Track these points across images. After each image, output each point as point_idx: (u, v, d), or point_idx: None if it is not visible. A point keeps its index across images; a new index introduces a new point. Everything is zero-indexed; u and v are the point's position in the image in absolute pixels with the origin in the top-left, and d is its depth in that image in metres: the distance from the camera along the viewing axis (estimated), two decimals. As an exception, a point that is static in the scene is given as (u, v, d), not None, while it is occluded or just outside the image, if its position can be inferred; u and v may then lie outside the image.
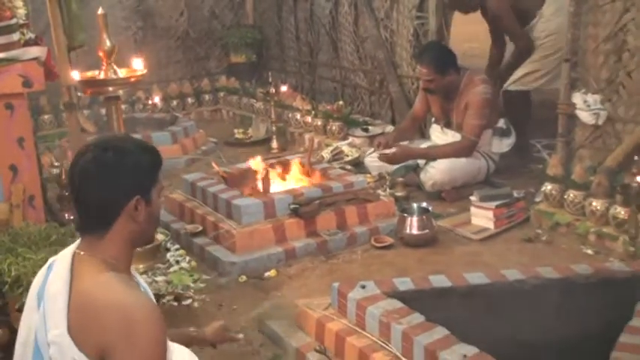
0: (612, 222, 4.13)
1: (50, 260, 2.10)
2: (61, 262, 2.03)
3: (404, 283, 3.17)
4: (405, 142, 5.44)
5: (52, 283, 1.98)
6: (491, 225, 4.49)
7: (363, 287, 3.14)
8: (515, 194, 4.69)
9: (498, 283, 3.16)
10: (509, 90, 5.62)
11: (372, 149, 5.49)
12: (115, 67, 3.96)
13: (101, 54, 3.91)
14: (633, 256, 3.79)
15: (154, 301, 2.14)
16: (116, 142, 2.06)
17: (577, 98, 4.50)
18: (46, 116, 6.84)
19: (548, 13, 5.45)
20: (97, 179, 1.98)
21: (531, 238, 4.36)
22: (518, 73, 5.57)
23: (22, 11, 3.37)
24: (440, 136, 5.33)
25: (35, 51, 3.29)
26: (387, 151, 5.15)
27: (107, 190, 1.98)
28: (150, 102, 7.40)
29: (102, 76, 3.93)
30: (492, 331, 2.90)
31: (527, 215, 4.63)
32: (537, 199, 4.72)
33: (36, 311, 2.00)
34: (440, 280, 3.18)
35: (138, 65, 4.06)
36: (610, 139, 4.42)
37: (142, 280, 2.25)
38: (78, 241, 2.07)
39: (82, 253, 2.01)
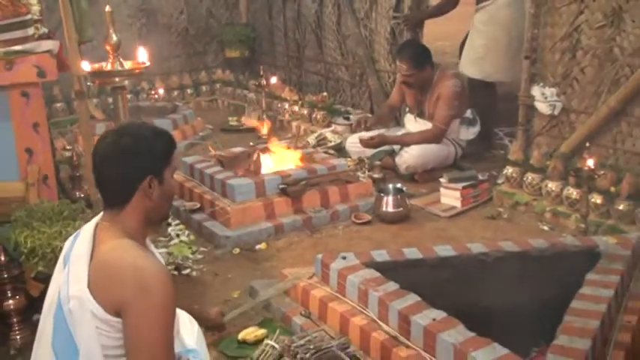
0: (566, 202, 4.16)
1: (78, 231, 2.15)
2: (86, 230, 2.09)
3: (380, 255, 3.17)
4: (383, 130, 5.43)
5: (77, 247, 2.04)
6: (458, 204, 4.51)
7: (344, 258, 3.14)
8: (480, 176, 4.71)
9: (464, 256, 3.17)
10: (474, 79, 5.58)
11: (353, 134, 5.49)
12: (120, 59, 3.93)
13: (108, 48, 3.88)
14: (584, 232, 3.81)
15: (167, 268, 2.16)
16: (133, 128, 2.12)
17: (536, 91, 4.51)
18: (58, 104, 6.77)
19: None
20: (115, 160, 2.03)
21: (494, 216, 4.38)
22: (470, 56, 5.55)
23: (36, 8, 3.33)
24: (413, 124, 5.33)
25: (48, 44, 3.25)
26: (366, 135, 5.15)
27: (123, 169, 2.04)
28: (153, 92, 7.34)
29: (109, 67, 3.90)
30: (459, 298, 2.92)
31: (490, 195, 4.65)
32: (499, 181, 4.74)
33: (62, 272, 2.04)
34: (412, 253, 3.19)
35: (142, 55, 4.03)
36: (565, 128, 4.43)
37: (156, 251, 2.27)
38: (101, 214, 2.12)
39: (104, 223, 2.07)
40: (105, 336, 1.90)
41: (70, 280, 1.96)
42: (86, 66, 3.89)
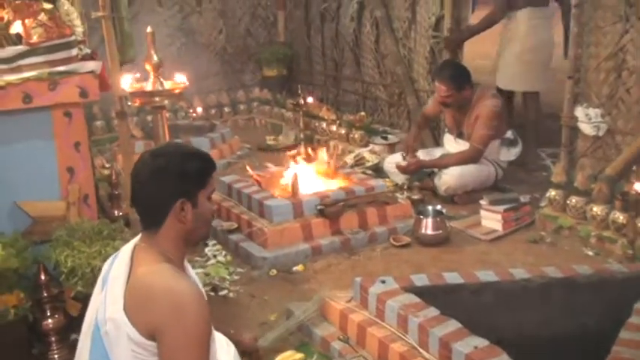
0: (612, 226, 4.07)
1: (117, 252, 2.17)
2: (124, 252, 2.10)
3: (420, 279, 3.14)
4: (422, 151, 5.39)
5: (115, 269, 2.05)
6: (499, 227, 4.45)
7: (383, 282, 3.12)
8: (521, 199, 4.66)
9: (506, 281, 3.13)
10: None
11: (391, 155, 5.49)
12: (161, 79, 3.99)
13: (149, 67, 3.94)
14: (631, 258, 3.73)
15: (203, 291, 2.16)
16: (167, 150, 2.12)
17: (579, 112, 4.45)
18: (98, 122, 6.86)
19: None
20: (147, 182, 2.03)
21: (536, 240, 4.31)
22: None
23: (79, 29, 3.39)
24: (453, 145, 5.29)
25: (91, 65, 3.31)
26: (403, 163, 5.12)
27: (154, 191, 2.03)
28: (191, 110, 7.42)
29: (149, 87, 3.96)
30: (501, 325, 2.88)
31: (532, 219, 4.58)
32: (542, 204, 4.66)
33: (100, 293, 2.06)
34: (453, 277, 3.15)
35: (181, 79, 4.09)
36: (610, 149, 4.36)
37: (193, 272, 2.28)
38: (140, 235, 2.12)
39: (142, 244, 2.07)
40: (140, 359, 1.91)
41: (107, 302, 1.98)
42: (127, 86, 3.96)
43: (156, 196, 2.03)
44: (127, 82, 3.96)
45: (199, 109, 7.51)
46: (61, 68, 3.22)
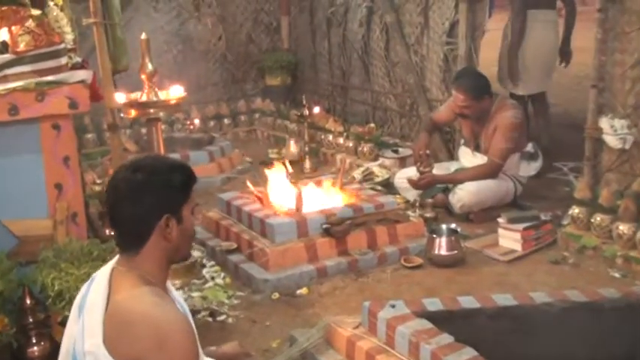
0: (639, 246, 4.05)
1: (93, 275, 2.12)
2: (101, 276, 2.05)
3: (433, 304, 3.12)
4: (435, 167, 5.38)
5: (92, 295, 2.00)
6: (518, 247, 4.44)
7: (393, 307, 3.10)
8: (542, 217, 4.64)
9: (526, 305, 3.11)
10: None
11: (402, 170, 5.49)
12: (156, 89, 4.00)
13: (143, 77, 3.96)
14: (660, 280, 3.71)
15: (189, 315, 2.14)
16: (147, 162, 2.06)
17: (604, 123, 4.44)
18: (89, 135, 6.90)
19: None
20: (128, 198, 1.99)
21: (558, 261, 4.30)
22: None
23: (70, 36, 3.41)
24: (470, 159, 5.29)
25: (81, 74, 3.32)
26: (415, 178, 5.12)
27: (137, 208, 1.99)
28: (188, 122, 7.46)
29: (144, 98, 3.97)
30: (519, 352, 2.86)
31: (554, 238, 4.57)
32: (564, 222, 4.65)
33: (77, 322, 2.01)
34: (468, 301, 3.13)
35: (177, 91, 4.10)
36: (637, 163, 4.35)
37: (178, 295, 2.24)
38: (117, 257, 2.09)
39: (120, 267, 2.03)
40: None
41: (85, 334, 1.94)
42: (121, 97, 3.98)
43: (139, 213, 1.99)
44: (121, 97, 3.98)
45: (197, 121, 7.54)
46: (50, 78, 3.23)
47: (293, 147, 6.76)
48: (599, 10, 4.39)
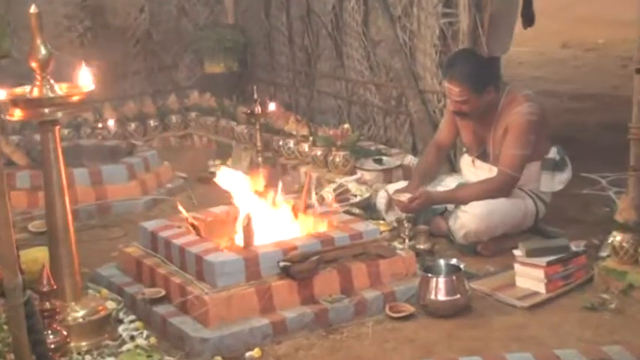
0: (702, 285, 4.10)
1: None
2: None
3: (428, 369, 3.13)
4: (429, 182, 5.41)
5: None
6: (541, 288, 4.45)
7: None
8: (573, 247, 4.66)
9: (551, 369, 3.13)
10: None
11: (388, 186, 5.49)
12: (51, 81, 3.95)
13: (34, 65, 3.91)
14: None
15: None
16: None
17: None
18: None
19: None
20: None
21: (595, 306, 4.31)
22: None
23: None
24: (473, 171, 5.32)
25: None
26: (403, 198, 5.10)
27: None
28: (100, 125, 7.40)
29: (35, 93, 3.93)
30: None
31: (589, 275, 4.59)
32: (603, 254, 4.68)
33: None
34: (475, 365, 3.15)
35: (84, 79, 4.06)
36: (699, 174, 4.40)
37: None
38: None
39: None
40: None
41: None
42: (1, 93, 3.93)
43: None
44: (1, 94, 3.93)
45: (112, 123, 7.49)
46: None
47: (242, 157, 6.76)
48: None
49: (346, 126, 6.65)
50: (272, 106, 7.05)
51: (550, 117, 5.40)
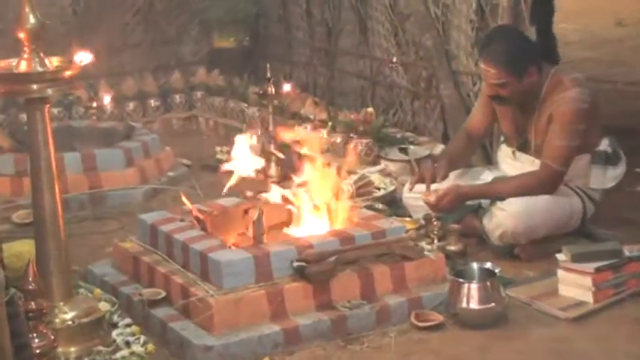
0: None
1: None
2: None
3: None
4: (460, 173, 5.37)
5: None
6: (588, 297, 4.43)
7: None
8: (626, 252, 4.63)
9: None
10: None
11: (410, 184, 5.45)
12: (41, 54, 3.96)
13: (22, 36, 3.91)
14: None
15: None
16: None
17: None
18: None
19: None
20: None
21: (650, 319, 4.32)
22: None
23: None
24: (512, 164, 5.30)
25: None
26: (431, 197, 5.07)
27: None
28: (94, 104, 7.41)
29: (23, 68, 3.94)
30: None
31: (644, 283, 4.59)
32: (660, 259, 4.67)
33: None
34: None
35: (77, 58, 4.06)
36: None
37: None
38: None
39: None
40: None
41: None
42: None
43: None
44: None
45: (107, 101, 7.49)
46: None
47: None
48: None
49: (369, 110, 6.66)
50: (287, 87, 7.06)
51: (602, 104, 5.34)
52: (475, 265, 4.50)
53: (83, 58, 4.00)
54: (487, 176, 5.40)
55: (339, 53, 7.64)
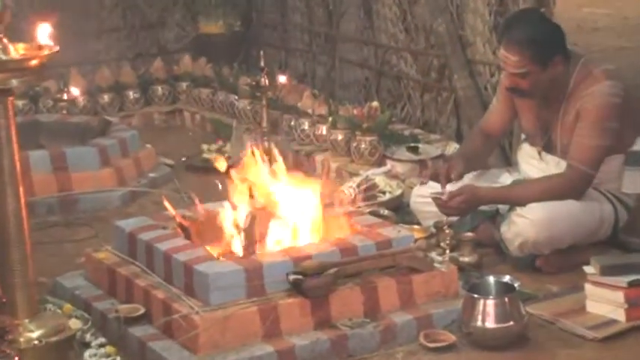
0: None
1: None
2: None
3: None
4: (473, 174, 5.39)
5: None
6: (620, 315, 4.44)
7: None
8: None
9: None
10: None
11: (419, 184, 5.46)
12: (5, 40, 3.98)
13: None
14: None
15: None
16: None
17: None
18: None
19: None
20: None
21: (690, 340, 4.33)
22: None
23: None
24: (535, 164, 5.31)
25: None
26: (445, 193, 5.08)
27: None
28: (65, 96, 7.42)
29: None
30: None
31: (682, 300, 4.59)
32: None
33: None
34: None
35: (44, 44, 4.07)
36: None
37: None
38: None
39: None
40: None
41: None
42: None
43: None
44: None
45: (76, 92, 7.50)
46: None
47: (243, 140, 6.76)
48: None
49: (374, 104, 6.66)
50: (282, 77, 7.06)
51: (636, 99, 5.35)
52: (492, 279, 4.52)
53: (49, 44, 4.01)
54: (506, 179, 5.41)
55: (341, 39, 7.66)
